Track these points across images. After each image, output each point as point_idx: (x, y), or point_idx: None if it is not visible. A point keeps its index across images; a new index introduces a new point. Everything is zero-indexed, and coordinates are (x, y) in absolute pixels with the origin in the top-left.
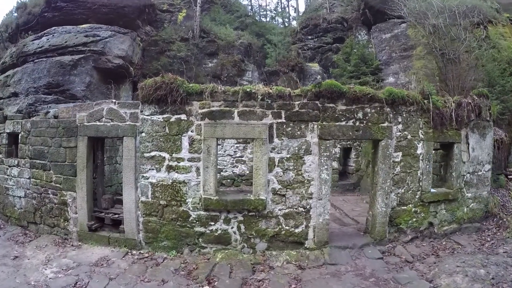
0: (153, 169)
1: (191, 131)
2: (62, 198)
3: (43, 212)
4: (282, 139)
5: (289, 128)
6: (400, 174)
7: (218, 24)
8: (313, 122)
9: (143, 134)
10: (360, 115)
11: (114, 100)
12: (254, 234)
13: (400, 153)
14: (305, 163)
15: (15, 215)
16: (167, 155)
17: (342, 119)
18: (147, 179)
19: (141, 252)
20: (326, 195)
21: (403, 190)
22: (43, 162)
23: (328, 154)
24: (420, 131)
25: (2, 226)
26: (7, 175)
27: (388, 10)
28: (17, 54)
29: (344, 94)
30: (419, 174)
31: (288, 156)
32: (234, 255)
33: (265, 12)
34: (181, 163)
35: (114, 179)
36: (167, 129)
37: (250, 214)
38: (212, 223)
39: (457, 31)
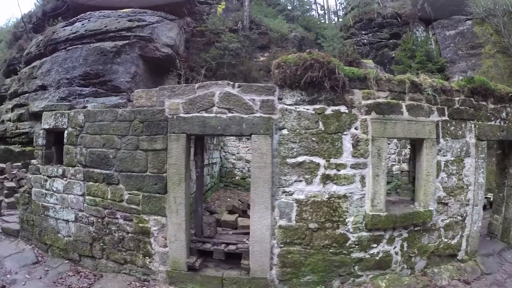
0: (300, 181)
1: (355, 128)
2: (141, 225)
3: (107, 243)
4: (447, 140)
5: (452, 127)
6: None
7: (263, 16)
8: (470, 121)
9: (285, 132)
10: (504, 114)
11: (231, 82)
12: (416, 252)
13: None
14: (465, 167)
15: (59, 245)
16: (322, 161)
17: (492, 119)
18: (291, 195)
19: None
20: (481, 200)
21: None
22: (107, 171)
23: (483, 156)
24: None
25: (40, 258)
26: (46, 190)
27: (452, 7)
28: (44, 43)
29: (493, 92)
30: None
31: (452, 159)
32: (397, 280)
33: (302, 6)
34: (342, 171)
35: None
36: (321, 124)
37: (415, 229)
38: (374, 245)
39: None
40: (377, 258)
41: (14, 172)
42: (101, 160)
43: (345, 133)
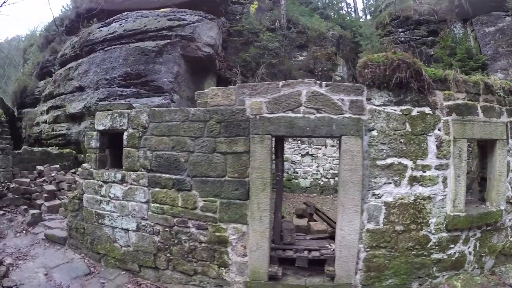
0: (389, 183)
1: (438, 130)
2: (217, 234)
3: (174, 254)
4: None
5: None
6: None
7: (298, 15)
8: None
9: (374, 133)
10: None
11: (317, 81)
12: (486, 251)
13: None
14: None
15: (115, 255)
16: (409, 163)
17: None
18: (380, 197)
19: None
20: None
21: None
22: (178, 177)
23: None
24: None
25: (92, 269)
26: (101, 196)
27: (491, 3)
28: (80, 44)
29: None
30: None
31: None
32: (470, 280)
33: (332, 4)
34: (427, 173)
35: None
36: (407, 126)
37: (487, 229)
38: (452, 246)
39: None
40: (453, 258)
41: (52, 175)
42: (170, 164)
43: (429, 134)
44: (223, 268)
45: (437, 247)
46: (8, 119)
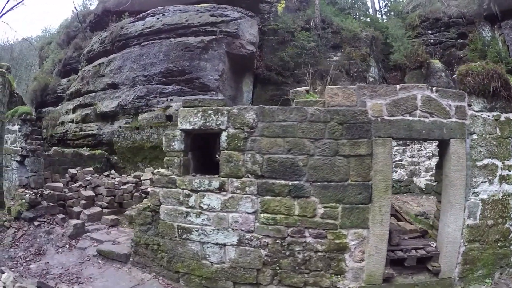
0: (485, 182)
1: None
2: (337, 241)
3: (284, 267)
4: None
5: None
6: None
7: (332, 15)
8: None
9: (474, 136)
10: None
11: (429, 86)
12: None
13: None
14: None
15: (201, 273)
16: (499, 163)
17: None
18: (478, 195)
19: None
20: None
21: None
22: (295, 182)
23: None
24: None
25: None
26: (189, 207)
27: None
28: (111, 39)
29: None
30: None
31: None
32: None
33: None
34: (511, 171)
35: None
36: (498, 130)
37: None
38: None
39: None
40: None
41: (88, 179)
42: (286, 169)
43: None
44: (338, 276)
45: None
46: None
